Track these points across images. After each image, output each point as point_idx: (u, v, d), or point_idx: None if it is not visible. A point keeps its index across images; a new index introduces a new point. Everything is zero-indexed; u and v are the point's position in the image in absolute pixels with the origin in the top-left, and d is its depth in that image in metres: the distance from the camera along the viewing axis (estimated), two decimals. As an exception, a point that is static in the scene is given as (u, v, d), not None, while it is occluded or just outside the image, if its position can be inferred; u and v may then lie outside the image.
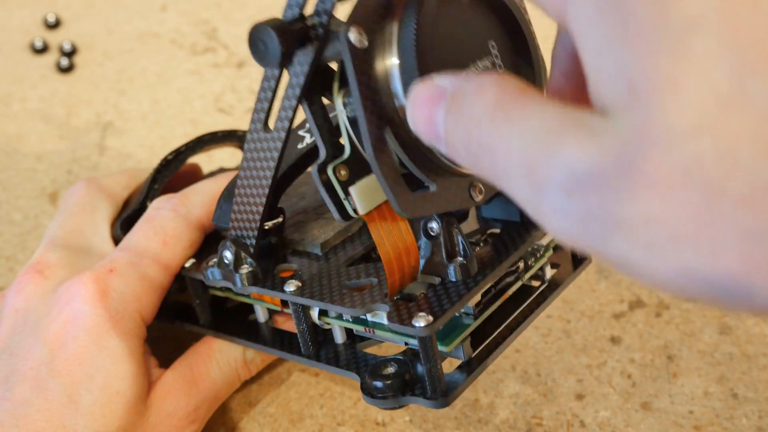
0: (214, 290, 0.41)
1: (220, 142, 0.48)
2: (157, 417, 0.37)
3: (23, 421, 0.34)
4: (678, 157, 0.17)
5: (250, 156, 0.34)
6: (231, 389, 0.40)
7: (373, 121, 0.29)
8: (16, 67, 0.71)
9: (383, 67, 0.29)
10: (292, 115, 0.32)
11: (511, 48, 0.33)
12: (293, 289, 0.34)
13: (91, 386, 0.35)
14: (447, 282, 0.32)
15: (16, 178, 0.59)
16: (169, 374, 0.38)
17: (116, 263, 0.38)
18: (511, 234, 0.35)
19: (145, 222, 0.40)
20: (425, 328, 0.30)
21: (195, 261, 0.40)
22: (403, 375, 0.32)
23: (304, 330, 0.36)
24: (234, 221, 0.36)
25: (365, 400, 0.33)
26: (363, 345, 0.36)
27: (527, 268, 0.36)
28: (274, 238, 0.37)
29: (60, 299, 0.36)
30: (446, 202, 0.31)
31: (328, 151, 0.32)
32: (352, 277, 0.34)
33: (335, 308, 0.33)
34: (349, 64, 0.29)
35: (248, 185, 0.35)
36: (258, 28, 0.30)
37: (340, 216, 0.32)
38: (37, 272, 0.38)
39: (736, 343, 0.44)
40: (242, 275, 0.36)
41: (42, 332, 0.36)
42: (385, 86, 0.29)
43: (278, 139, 0.33)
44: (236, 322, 0.41)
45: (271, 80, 0.33)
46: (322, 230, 0.38)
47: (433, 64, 0.29)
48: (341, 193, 0.31)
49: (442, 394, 0.32)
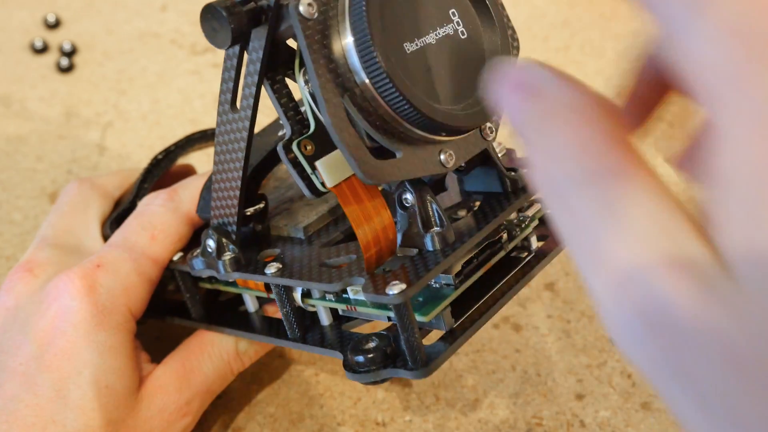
0: (203, 283, 0.41)
1: (210, 140, 0.48)
2: (148, 411, 0.37)
3: (12, 416, 0.34)
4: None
5: (221, 139, 0.35)
6: (224, 382, 0.40)
7: (329, 87, 0.29)
8: (16, 67, 0.71)
9: (338, 39, 0.30)
10: (255, 93, 0.32)
11: (474, 15, 0.33)
12: (273, 271, 0.34)
13: (79, 381, 0.35)
14: (424, 252, 0.32)
15: (16, 178, 0.59)
16: (161, 369, 0.38)
17: (104, 258, 0.38)
18: (491, 203, 0.35)
19: (134, 218, 0.40)
20: (399, 295, 0.29)
21: (182, 254, 0.40)
22: (385, 349, 0.32)
23: (288, 313, 0.36)
24: (215, 209, 0.36)
25: (348, 376, 0.33)
26: (349, 325, 0.36)
27: (511, 238, 0.36)
28: (258, 226, 0.37)
29: (48, 296, 0.37)
30: (414, 168, 0.31)
31: (293, 128, 0.32)
32: (332, 257, 0.34)
33: (313, 285, 0.33)
34: (300, 35, 0.29)
35: (223, 170, 0.35)
36: (208, 9, 0.30)
37: (309, 191, 0.32)
38: (26, 271, 0.39)
39: (736, 343, 0.44)
40: (225, 262, 0.36)
41: (31, 329, 0.36)
42: (342, 57, 0.30)
43: (245, 118, 0.33)
44: (227, 314, 0.41)
45: (233, 59, 0.33)
46: (305, 215, 0.38)
47: (388, 31, 0.29)
48: (308, 168, 0.32)
49: (423, 364, 0.31)
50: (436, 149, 0.32)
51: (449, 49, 0.32)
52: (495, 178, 0.35)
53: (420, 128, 0.31)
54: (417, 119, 0.30)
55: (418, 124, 0.30)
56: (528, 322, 0.46)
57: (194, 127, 0.63)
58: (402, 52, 0.30)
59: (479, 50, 0.33)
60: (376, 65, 0.29)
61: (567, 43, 0.71)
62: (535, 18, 0.74)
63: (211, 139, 0.47)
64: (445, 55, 0.31)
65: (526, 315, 0.46)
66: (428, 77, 0.31)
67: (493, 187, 0.36)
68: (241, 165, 0.34)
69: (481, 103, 0.32)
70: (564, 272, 0.49)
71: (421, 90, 0.30)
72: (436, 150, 0.32)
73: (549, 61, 0.29)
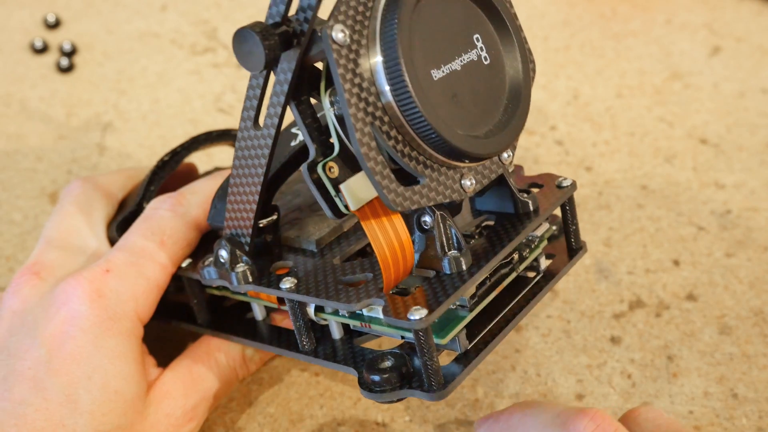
0: (211, 289, 0.41)
1: (215, 142, 0.48)
2: (155, 416, 0.37)
3: (22, 420, 0.34)
4: None
5: (241, 154, 0.35)
6: (230, 388, 0.40)
7: (359, 116, 0.29)
8: (16, 67, 0.71)
9: (368, 64, 0.30)
10: (281, 113, 0.33)
11: (497, 41, 0.33)
12: (289, 286, 0.34)
13: (89, 385, 0.35)
14: (442, 275, 0.32)
15: (16, 178, 0.59)
16: (168, 374, 0.38)
17: (112, 263, 0.38)
18: (504, 225, 0.35)
19: (143, 222, 0.40)
20: (421, 321, 0.30)
21: (192, 261, 0.40)
22: (400, 368, 0.32)
23: (300, 326, 0.36)
24: (228, 220, 0.36)
25: (363, 394, 0.33)
26: (360, 340, 0.36)
27: (522, 259, 0.36)
28: (269, 236, 0.38)
29: (57, 300, 0.36)
30: (437, 194, 0.32)
31: (318, 149, 0.32)
32: (347, 273, 0.34)
33: (331, 304, 0.33)
34: (332, 61, 0.29)
35: (241, 183, 0.35)
36: (242, 34, 0.30)
37: (332, 213, 0.32)
38: (33, 273, 0.38)
39: (736, 343, 0.44)
40: (238, 273, 0.36)
41: (39, 332, 0.36)
42: (371, 83, 0.30)
43: (268, 136, 0.33)
44: (234, 321, 0.41)
45: (259, 79, 0.33)
46: (317, 227, 0.38)
47: (417, 58, 0.30)
48: (332, 191, 0.32)
49: (440, 386, 0.32)
50: (457, 174, 0.32)
51: (473, 75, 0.32)
52: (508, 200, 0.36)
53: (444, 154, 0.31)
54: (441, 145, 0.31)
55: (442, 150, 0.31)
56: (528, 322, 0.46)
57: (194, 127, 0.63)
58: (429, 79, 0.30)
59: (501, 76, 0.33)
60: (404, 90, 0.29)
61: (567, 43, 0.71)
62: (535, 18, 0.74)
63: (216, 140, 0.47)
64: (469, 82, 0.32)
65: (526, 315, 0.46)
66: (453, 103, 0.31)
67: (506, 208, 0.36)
68: (260, 180, 0.34)
69: (502, 130, 0.32)
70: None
71: (447, 116, 0.31)
72: (457, 175, 0.32)
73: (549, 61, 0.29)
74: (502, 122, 0.33)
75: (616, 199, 0.54)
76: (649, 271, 0.49)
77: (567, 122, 0.62)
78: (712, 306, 0.46)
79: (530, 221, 0.35)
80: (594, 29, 0.72)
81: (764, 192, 0.54)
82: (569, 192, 0.36)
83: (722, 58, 0.68)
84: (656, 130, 0.60)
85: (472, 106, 0.32)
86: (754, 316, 0.45)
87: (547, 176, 0.38)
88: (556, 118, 0.62)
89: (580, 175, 0.56)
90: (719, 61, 0.68)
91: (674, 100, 0.63)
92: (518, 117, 0.33)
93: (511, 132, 0.33)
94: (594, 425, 0.31)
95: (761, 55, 0.68)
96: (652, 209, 0.53)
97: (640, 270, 0.49)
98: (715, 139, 0.59)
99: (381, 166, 0.30)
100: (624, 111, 0.63)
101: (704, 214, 0.53)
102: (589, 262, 0.49)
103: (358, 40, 0.30)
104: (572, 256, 0.38)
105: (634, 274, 0.48)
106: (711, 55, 0.69)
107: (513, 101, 0.33)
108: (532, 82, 0.34)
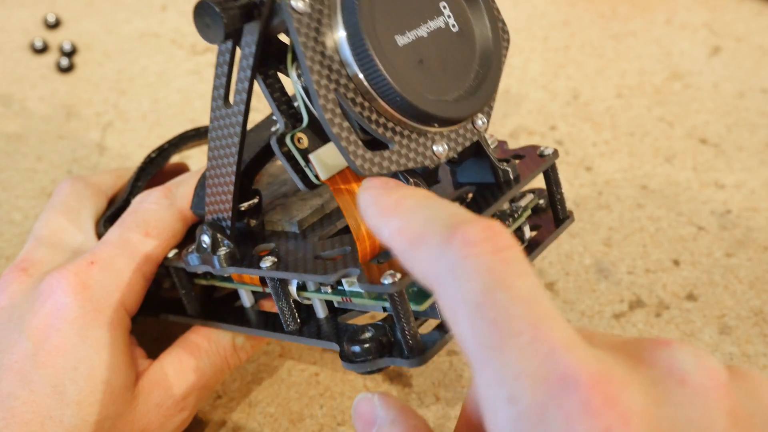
0: (199, 280, 0.41)
1: (203, 138, 0.48)
2: (145, 406, 0.37)
3: (9, 413, 0.34)
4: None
5: (215, 134, 0.35)
6: (221, 377, 0.40)
7: (323, 83, 0.29)
8: (16, 67, 0.71)
9: (329, 32, 0.30)
10: (248, 87, 0.33)
11: (465, 9, 0.33)
12: (269, 264, 0.34)
13: (75, 376, 0.35)
14: None
15: (16, 178, 0.59)
16: (157, 364, 0.38)
17: (97, 255, 0.38)
18: (484, 194, 0.35)
19: (128, 215, 0.40)
20: (393, 284, 0.30)
21: (177, 251, 0.40)
22: (380, 338, 0.32)
23: (284, 307, 0.36)
24: (209, 204, 0.37)
25: (344, 366, 0.33)
26: (345, 317, 0.36)
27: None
28: (252, 221, 0.38)
29: (42, 293, 0.37)
30: (407, 159, 0.32)
31: (287, 122, 0.32)
32: (326, 249, 0.34)
33: (309, 277, 0.33)
34: (293, 29, 0.29)
35: (217, 165, 0.35)
36: (202, 6, 0.30)
37: (303, 184, 0.32)
38: (21, 270, 0.39)
39: (736, 343, 0.44)
40: (220, 257, 0.36)
41: (25, 326, 0.36)
42: (334, 51, 0.30)
43: (239, 113, 0.34)
44: (223, 310, 0.41)
45: (225, 54, 0.33)
46: (299, 210, 0.38)
47: (380, 24, 0.30)
48: (301, 161, 0.32)
49: (419, 352, 0.32)
50: (428, 141, 0.32)
51: (441, 42, 0.32)
52: (487, 170, 0.35)
53: (411, 119, 0.31)
54: (408, 110, 0.31)
55: (409, 114, 0.31)
56: (528, 322, 0.46)
57: (194, 127, 0.63)
58: (394, 45, 0.30)
59: (471, 44, 0.33)
60: (368, 58, 0.29)
61: (567, 43, 0.71)
62: (535, 18, 0.74)
63: (205, 136, 0.48)
64: (437, 48, 0.32)
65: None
66: (420, 69, 0.31)
67: (486, 178, 0.36)
68: (235, 160, 0.34)
69: (472, 95, 0.32)
70: (564, 272, 0.49)
71: (413, 81, 0.31)
72: (428, 142, 0.32)
73: (549, 61, 0.29)
74: (472, 87, 0.33)
75: (616, 199, 0.54)
76: (649, 271, 0.49)
77: (567, 122, 0.62)
78: (712, 306, 0.46)
79: (510, 189, 0.35)
80: (594, 29, 0.72)
81: (764, 192, 0.54)
82: (551, 160, 0.36)
83: (722, 58, 0.68)
84: (656, 130, 0.60)
85: (441, 72, 0.32)
86: (754, 316, 0.45)
87: (530, 147, 0.37)
88: (556, 118, 0.62)
89: (580, 175, 0.56)
90: (719, 61, 0.68)
91: (674, 100, 0.63)
92: (489, 82, 0.33)
93: (481, 97, 0.33)
94: (483, 235, 0.24)
95: (761, 55, 0.68)
96: (652, 209, 0.53)
97: (640, 270, 0.49)
98: (715, 139, 0.59)
99: (347, 132, 0.30)
100: (624, 111, 0.63)
101: (704, 214, 0.53)
102: (589, 262, 0.49)
103: (319, 9, 0.30)
104: (559, 225, 0.38)
105: (634, 274, 0.48)
106: (711, 55, 0.69)
107: (483, 67, 0.33)
108: (506, 52, 0.34)
